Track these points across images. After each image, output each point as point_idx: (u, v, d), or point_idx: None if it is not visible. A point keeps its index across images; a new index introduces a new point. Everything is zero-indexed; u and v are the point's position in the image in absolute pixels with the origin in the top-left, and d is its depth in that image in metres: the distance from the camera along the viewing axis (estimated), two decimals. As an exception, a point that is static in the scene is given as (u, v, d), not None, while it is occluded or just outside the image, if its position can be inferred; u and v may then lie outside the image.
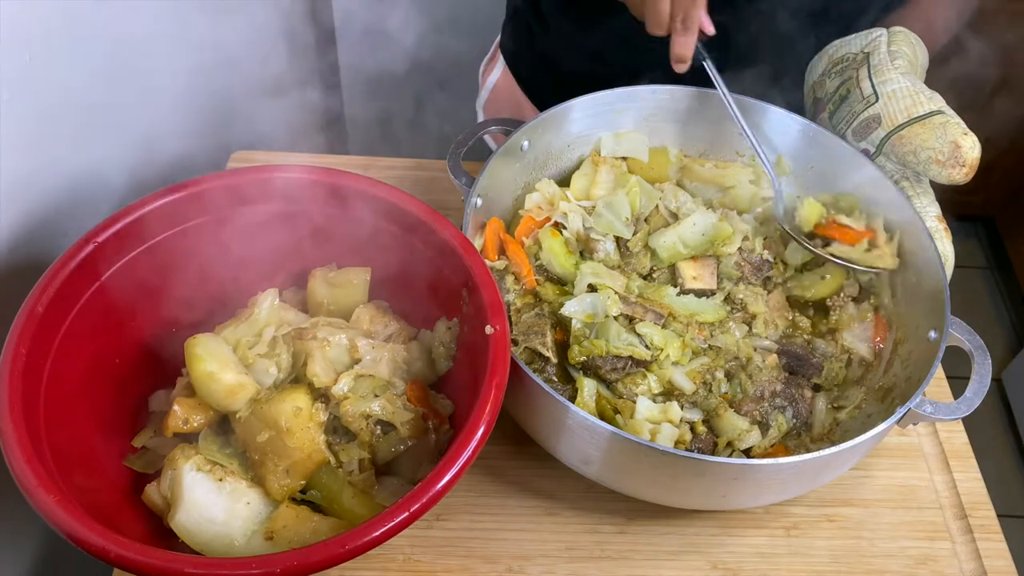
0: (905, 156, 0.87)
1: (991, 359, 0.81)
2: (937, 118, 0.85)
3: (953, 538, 0.87)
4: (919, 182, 0.90)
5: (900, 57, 0.91)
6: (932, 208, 0.89)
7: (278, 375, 0.79)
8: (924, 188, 0.90)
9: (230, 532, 0.72)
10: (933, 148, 0.84)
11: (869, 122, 0.90)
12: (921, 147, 0.85)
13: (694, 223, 0.91)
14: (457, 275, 0.79)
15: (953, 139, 0.83)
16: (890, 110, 0.88)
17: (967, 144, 0.84)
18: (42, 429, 0.68)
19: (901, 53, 0.91)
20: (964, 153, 0.83)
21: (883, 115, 0.88)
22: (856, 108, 0.91)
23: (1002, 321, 2.36)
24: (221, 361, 0.76)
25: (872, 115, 0.89)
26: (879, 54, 0.92)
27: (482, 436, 0.67)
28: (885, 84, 0.89)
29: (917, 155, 0.86)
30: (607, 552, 0.83)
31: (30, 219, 0.88)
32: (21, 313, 0.70)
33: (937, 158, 0.84)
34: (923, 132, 0.85)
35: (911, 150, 0.86)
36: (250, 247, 0.84)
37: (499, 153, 0.88)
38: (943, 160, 0.84)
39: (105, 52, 0.96)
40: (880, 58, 0.91)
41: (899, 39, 0.93)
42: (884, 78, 0.90)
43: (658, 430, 0.80)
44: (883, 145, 0.89)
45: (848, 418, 0.87)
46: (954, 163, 0.84)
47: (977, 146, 0.84)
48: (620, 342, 0.83)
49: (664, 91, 0.96)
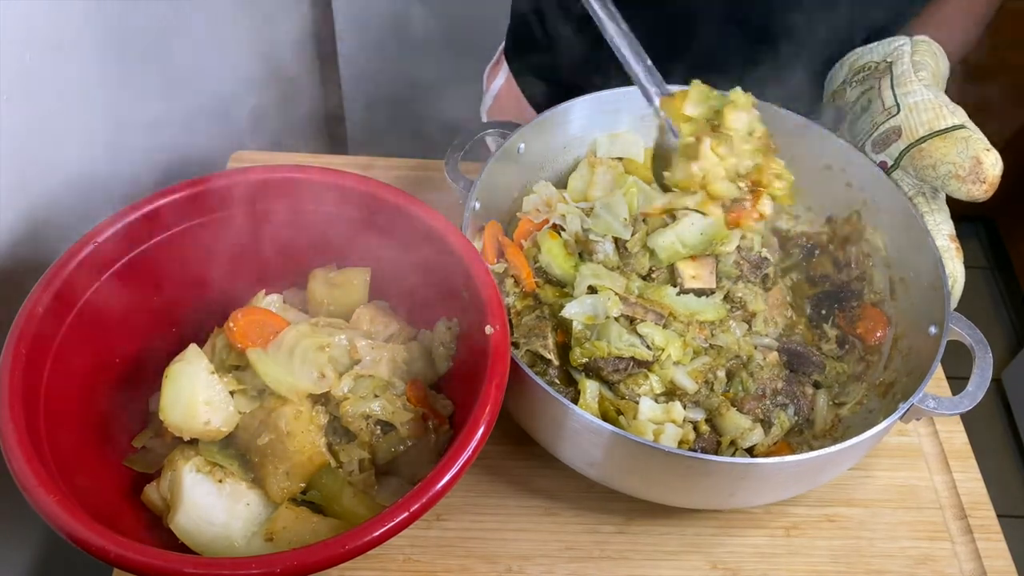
0: (924, 170, 0.85)
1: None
2: (959, 132, 0.83)
3: (953, 538, 0.87)
4: (935, 198, 0.89)
5: (924, 68, 0.89)
6: (945, 226, 0.87)
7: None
8: (939, 205, 0.88)
9: (230, 534, 0.72)
10: (953, 163, 0.82)
11: (889, 134, 0.88)
12: (941, 161, 0.83)
13: (692, 223, 0.91)
14: (457, 275, 0.79)
15: (975, 154, 0.81)
16: (911, 122, 0.86)
17: (989, 160, 0.81)
18: (42, 429, 0.68)
19: (925, 64, 0.89)
20: (985, 169, 0.81)
21: (904, 127, 0.86)
22: (877, 119, 0.90)
23: (1002, 321, 2.36)
24: (189, 406, 0.74)
25: (892, 127, 0.87)
26: (902, 64, 0.90)
27: (482, 436, 0.67)
28: (908, 96, 0.87)
29: (936, 169, 0.84)
30: (607, 552, 0.83)
31: (30, 219, 0.88)
32: (21, 313, 0.70)
33: (957, 173, 0.82)
34: (944, 146, 0.83)
35: (930, 164, 0.84)
36: (250, 247, 0.84)
37: (496, 156, 0.88)
38: (963, 175, 0.82)
39: (105, 52, 0.96)
40: (903, 68, 0.89)
41: (922, 49, 0.91)
42: (907, 89, 0.88)
43: (662, 430, 0.80)
44: (902, 158, 0.87)
45: (850, 414, 0.87)
46: (974, 179, 0.82)
47: (999, 163, 0.82)
48: (621, 343, 0.83)
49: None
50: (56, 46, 0.87)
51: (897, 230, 0.90)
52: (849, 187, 0.94)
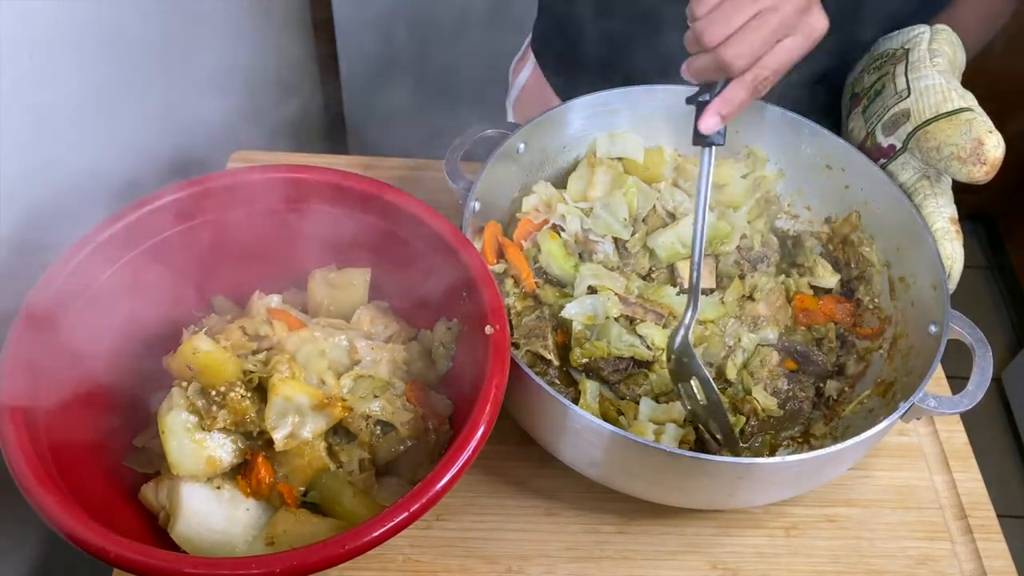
0: (929, 152, 0.85)
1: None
2: (964, 115, 0.83)
3: (953, 538, 0.87)
4: (939, 182, 0.89)
5: (940, 56, 0.89)
6: (947, 209, 0.87)
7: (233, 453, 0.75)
8: (943, 189, 0.89)
9: (231, 539, 0.72)
10: (956, 144, 0.82)
11: (898, 116, 0.88)
12: (945, 143, 0.83)
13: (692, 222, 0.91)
14: (457, 275, 0.79)
15: (977, 136, 0.82)
16: (920, 105, 0.86)
17: (991, 142, 0.82)
18: (42, 429, 0.68)
19: (942, 52, 0.90)
20: (987, 151, 0.81)
21: (912, 110, 0.86)
22: (888, 103, 0.90)
23: (1002, 321, 2.36)
24: (196, 456, 0.72)
25: (902, 110, 0.88)
26: (919, 51, 0.90)
27: (482, 436, 0.67)
28: (919, 80, 0.87)
29: (940, 151, 0.84)
30: (607, 552, 0.83)
31: (30, 219, 0.88)
32: (21, 313, 0.70)
33: (959, 154, 0.82)
34: (948, 128, 0.83)
35: (935, 146, 0.84)
36: (250, 247, 0.84)
37: (496, 156, 0.88)
38: (964, 157, 0.82)
39: (105, 52, 0.96)
40: (919, 55, 0.90)
41: (941, 38, 0.92)
42: (919, 74, 0.88)
43: (662, 430, 0.80)
44: (909, 140, 0.87)
45: (850, 414, 0.87)
46: (975, 160, 0.82)
47: (1001, 145, 0.82)
48: (621, 343, 0.83)
49: (659, 91, 0.96)
50: (57, 46, 0.87)
51: (897, 230, 0.90)
52: (849, 187, 0.95)
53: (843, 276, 0.96)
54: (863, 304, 0.93)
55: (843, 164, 0.94)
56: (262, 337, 0.79)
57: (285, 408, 0.73)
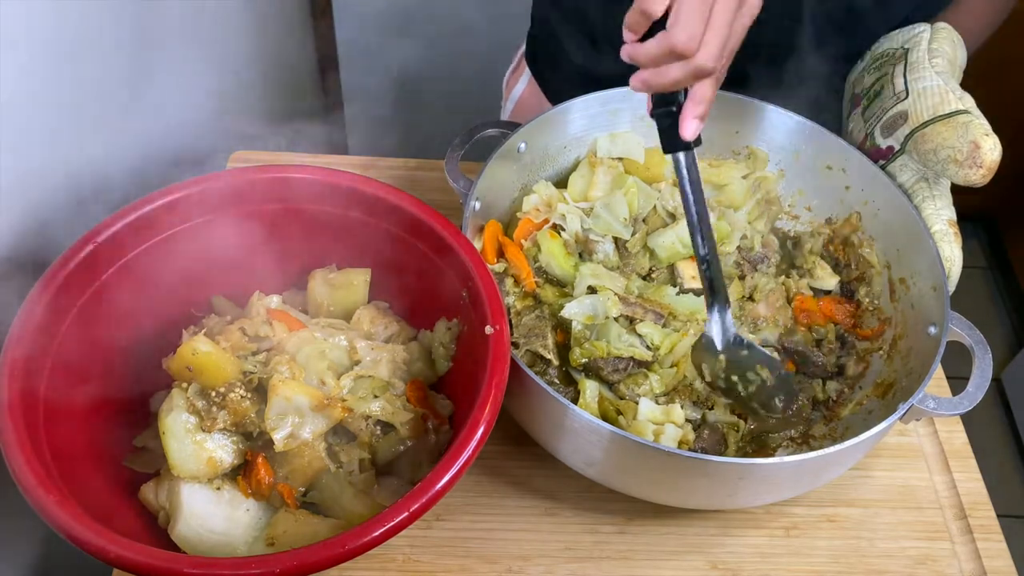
0: (926, 155, 0.85)
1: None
2: (961, 117, 0.83)
3: (953, 538, 0.87)
4: (937, 184, 0.89)
5: (939, 56, 0.89)
6: (946, 212, 0.87)
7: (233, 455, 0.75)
8: (941, 191, 0.88)
9: (231, 541, 0.72)
10: (953, 147, 0.82)
11: (896, 118, 0.88)
12: (941, 145, 0.83)
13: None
14: (457, 275, 0.79)
15: (973, 139, 0.81)
16: (918, 107, 0.86)
17: (987, 145, 0.81)
18: (42, 429, 0.68)
19: (941, 52, 0.89)
20: (983, 154, 0.81)
21: (910, 112, 0.86)
22: (887, 104, 0.90)
23: (1002, 321, 2.36)
24: (197, 457, 0.73)
25: (900, 111, 0.87)
26: (918, 51, 0.90)
27: (482, 436, 0.67)
28: (917, 81, 0.87)
29: (937, 154, 0.84)
30: (607, 552, 0.83)
31: (30, 219, 0.88)
32: (21, 313, 0.70)
33: (955, 157, 0.82)
34: (945, 131, 0.83)
35: (932, 148, 0.84)
36: (250, 247, 0.84)
37: (496, 156, 0.88)
38: (961, 160, 0.82)
39: (105, 52, 0.96)
40: (919, 55, 0.89)
41: (941, 36, 0.91)
42: (918, 75, 0.88)
43: (661, 431, 0.80)
44: (907, 142, 0.87)
45: (850, 414, 0.87)
46: (971, 163, 0.82)
47: (998, 148, 0.82)
48: (621, 343, 0.83)
49: (659, 91, 0.96)
50: (57, 47, 0.87)
51: (897, 231, 0.90)
52: (849, 188, 0.95)
53: (843, 277, 0.96)
54: (863, 305, 0.93)
55: (843, 165, 0.94)
56: (262, 338, 0.79)
57: (285, 409, 0.73)
